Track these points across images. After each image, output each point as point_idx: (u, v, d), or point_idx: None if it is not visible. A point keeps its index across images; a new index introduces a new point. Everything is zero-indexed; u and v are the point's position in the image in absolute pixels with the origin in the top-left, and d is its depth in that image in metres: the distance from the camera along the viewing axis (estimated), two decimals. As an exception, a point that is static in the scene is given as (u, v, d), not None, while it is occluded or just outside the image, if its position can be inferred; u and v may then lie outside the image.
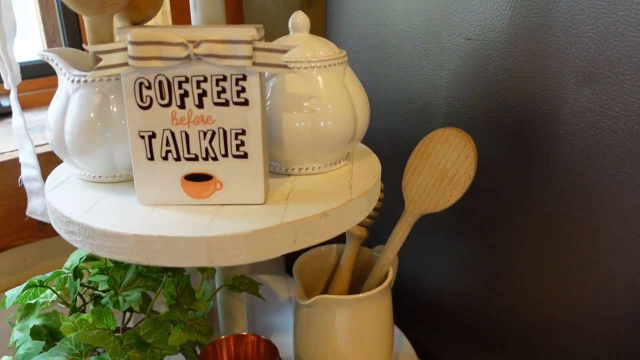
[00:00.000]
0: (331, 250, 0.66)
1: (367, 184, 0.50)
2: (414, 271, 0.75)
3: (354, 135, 0.52)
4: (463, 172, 0.54)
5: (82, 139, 0.49)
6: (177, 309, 0.50)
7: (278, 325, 0.74)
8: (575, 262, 0.56)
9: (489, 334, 0.67)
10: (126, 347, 0.48)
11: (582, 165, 0.53)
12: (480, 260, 0.66)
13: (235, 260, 0.42)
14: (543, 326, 0.61)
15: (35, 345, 0.47)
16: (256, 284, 0.59)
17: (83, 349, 0.46)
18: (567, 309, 0.58)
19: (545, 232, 0.58)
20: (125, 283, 0.51)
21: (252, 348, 0.52)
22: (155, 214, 0.45)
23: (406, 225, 0.58)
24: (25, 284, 0.52)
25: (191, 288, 0.52)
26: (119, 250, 0.43)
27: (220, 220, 0.43)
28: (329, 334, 0.57)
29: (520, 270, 0.61)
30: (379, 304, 0.58)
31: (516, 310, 0.63)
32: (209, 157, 0.45)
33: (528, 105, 0.56)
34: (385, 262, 0.59)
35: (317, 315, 0.57)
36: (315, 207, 0.45)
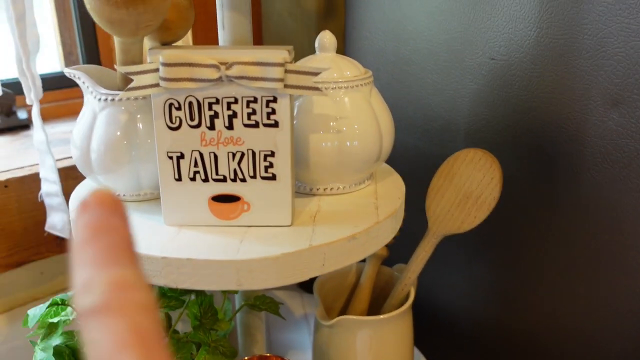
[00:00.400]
0: (351, 269, 0.65)
1: (393, 205, 0.50)
2: (432, 290, 0.75)
3: (379, 156, 0.52)
4: (488, 194, 0.54)
5: (108, 157, 0.48)
6: (201, 329, 0.49)
7: (294, 342, 0.74)
8: (600, 284, 0.56)
9: (508, 354, 0.67)
10: (149, 368, 0.48)
11: (609, 189, 0.53)
12: (501, 281, 0.65)
13: (264, 284, 0.42)
14: (564, 345, 0.60)
15: (58, 366, 0.47)
16: (277, 303, 0.59)
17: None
18: (591, 330, 0.57)
19: (570, 254, 0.57)
20: (148, 303, 0.51)
21: (274, 369, 0.52)
22: (182, 235, 0.45)
23: (429, 245, 0.57)
24: (49, 303, 0.51)
25: (214, 308, 0.52)
26: (146, 273, 0.42)
27: (248, 243, 0.43)
28: (349, 355, 0.56)
29: (542, 292, 0.61)
30: (400, 325, 0.57)
31: (537, 332, 0.63)
32: (237, 178, 0.45)
33: (553, 126, 0.56)
34: (406, 282, 0.59)
35: (338, 335, 0.56)
36: (343, 230, 0.45)
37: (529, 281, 0.62)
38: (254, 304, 0.58)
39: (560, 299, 0.59)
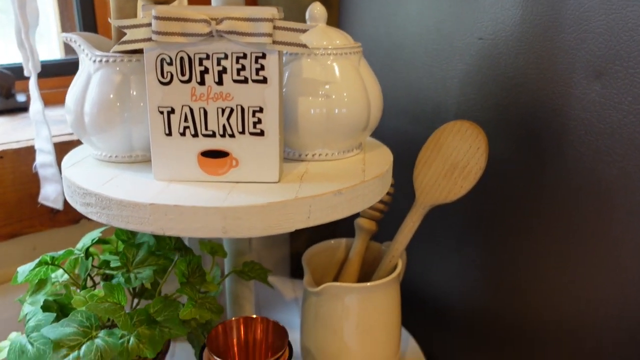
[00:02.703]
0: (340, 244, 0.66)
1: (380, 169, 0.51)
2: (421, 273, 0.75)
3: (367, 124, 0.53)
4: (474, 164, 0.54)
5: (101, 118, 0.50)
6: (188, 286, 0.50)
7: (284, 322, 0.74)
8: (585, 256, 0.56)
9: (497, 334, 0.67)
10: (136, 323, 0.48)
11: (592, 160, 0.54)
12: (489, 260, 0.66)
13: (250, 232, 0.43)
14: (552, 324, 0.61)
15: (46, 317, 0.47)
16: (266, 271, 0.59)
17: (94, 322, 0.47)
18: (576, 304, 0.58)
19: (555, 228, 0.58)
20: (137, 261, 0.51)
21: (261, 330, 0.52)
22: (171, 187, 0.46)
23: (416, 216, 0.58)
24: (37, 261, 0.52)
25: (202, 269, 0.52)
26: (135, 220, 0.43)
27: (235, 194, 0.44)
28: (336, 323, 0.57)
29: (529, 268, 0.61)
30: (387, 294, 0.58)
31: (524, 309, 0.63)
32: (226, 134, 0.46)
33: (539, 102, 0.57)
34: (394, 253, 0.60)
35: (325, 303, 0.57)
36: (330, 186, 0.46)
37: (517, 262, 0.63)
38: (242, 270, 0.58)
39: (548, 278, 0.60)
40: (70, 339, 0.45)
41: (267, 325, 0.52)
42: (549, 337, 0.61)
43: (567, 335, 0.59)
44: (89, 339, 0.46)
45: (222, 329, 0.51)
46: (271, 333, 0.52)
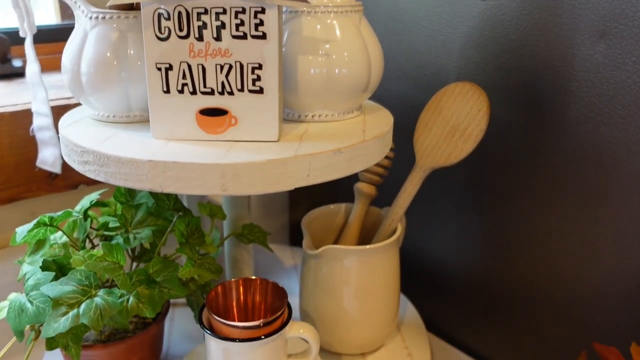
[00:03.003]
0: (339, 209, 0.66)
1: (380, 130, 0.50)
2: (420, 239, 0.75)
3: (367, 86, 0.53)
4: (475, 126, 0.54)
5: (98, 76, 0.49)
6: (187, 247, 0.50)
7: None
8: (585, 221, 0.56)
9: (495, 299, 0.67)
10: (135, 283, 0.48)
11: (594, 122, 0.54)
12: (488, 225, 0.66)
13: (249, 190, 0.42)
14: (550, 289, 0.61)
15: (45, 276, 0.47)
16: (265, 233, 0.59)
17: (93, 281, 0.46)
18: (575, 269, 0.58)
19: (556, 192, 0.58)
20: (135, 221, 0.51)
21: (260, 291, 0.52)
22: (169, 145, 0.45)
23: (416, 179, 0.58)
24: (35, 221, 0.52)
25: (201, 231, 0.52)
26: (133, 177, 0.43)
27: (235, 152, 0.44)
28: (335, 286, 0.57)
29: (528, 233, 0.61)
30: (387, 257, 0.58)
31: (523, 275, 0.63)
32: (224, 91, 0.45)
33: (541, 64, 0.57)
34: (394, 217, 0.59)
35: (324, 266, 0.57)
36: (329, 145, 0.45)
37: (516, 226, 0.62)
38: (241, 233, 0.58)
39: (547, 242, 0.60)
40: (70, 297, 0.45)
41: (267, 287, 0.52)
42: (548, 302, 0.61)
43: (565, 299, 0.60)
44: (88, 297, 0.46)
45: (221, 290, 0.51)
46: (270, 294, 0.52)
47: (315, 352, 0.51)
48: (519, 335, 0.65)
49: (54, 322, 0.44)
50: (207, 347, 0.50)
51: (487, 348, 0.69)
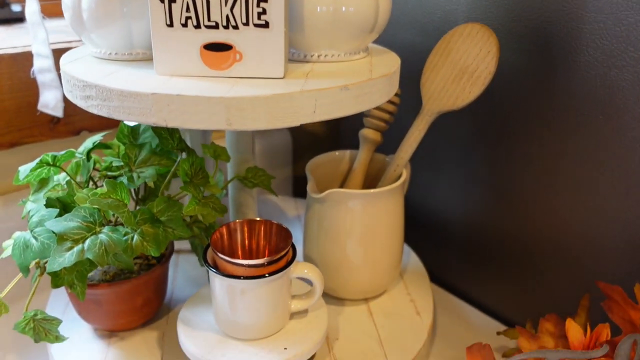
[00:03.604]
0: (344, 156, 0.65)
1: (387, 69, 0.49)
2: (424, 191, 0.75)
3: (374, 26, 0.51)
4: (484, 68, 0.53)
5: (100, 12, 0.48)
6: (192, 186, 0.49)
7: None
8: (592, 168, 0.56)
9: (499, 251, 0.67)
10: (140, 221, 0.48)
11: (605, 65, 0.53)
12: (494, 174, 0.65)
13: (254, 125, 0.42)
14: (555, 238, 0.61)
15: (49, 212, 0.47)
16: (269, 177, 0.59)
17: (97, 218, 0.46)
18: (581, 217, 0.58)
19: (563, 139, 0.57)
20: (139, 160, 0.51)
21: (265, 232, 0.52)
22: (173, 80, 0.44)
23: (423, 124, 0.57)
24: (38, 160, 0.51)
25: (205, 172, 0.52)
26: (136, 111, 0.42)
27: (240, 87, 0.43)
28: (339, 231, 0.57)
29: (534, 181, 0.61)
30: (391, 202, 0.57)
31: (528, 224, 0.63)
32: (229, 25, 0.44)
33: (553, 5, 0.55)
34: (399, 162, 0.59)
35: (329, 210, 0.56)
36: (336, 82, 0.44)
37: (522, 175, 0.62)
38: (245, 176, 0.58)
39: (554, 193, 0.59)
40: (74, 233, 0.45)
41: (271, 227, 0.52)
42: (552, 250, 0.61)
43: (570, 247, 0.60)
44: (92, 233, 0.46)
45: (226, 231, 0.51)
46: (275, 235, 0.52)
47: (319, 293, 0.51)
48: (522, 285, 0.66)
49: (59, 256, 0.44)
50: (212, 287, 0.50)
51: (491, 298, 0.70)
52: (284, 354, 0.48)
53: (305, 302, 0.52)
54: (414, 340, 0.57)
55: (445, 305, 0.71)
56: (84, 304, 0.54)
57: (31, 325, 0.47)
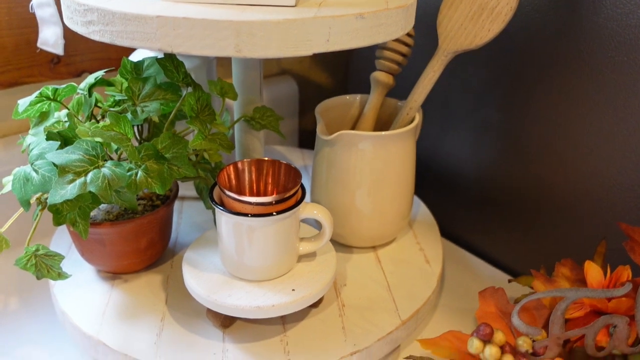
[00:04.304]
0: (354, 100, 0.63)
1: (403, 1, 0.47)
2: (435, 141, 0.73)
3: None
4: (505, 4, 0.50)
5: None
6: (198, 121, 0.48)
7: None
8: (612, 115, 0.53)
9: (511, 203, 0.66)
10: (144, 157, 0.46)
11: (631, 3, 0.50)
12: (507, 123, 0.63)
13: (265, 52, 0.40)
14: (570, 189, 0.59)
15: (50, 145, 0.45)
16: (278, 117, 0.57)
17: (100, 152, 0.45)
18: (599, 167, 0.56)
19: (585, 85, 0.55)
20: (143, 95, 0.49)
21: (273, 173, 0.50)
22: (179, 4, 0.42)
23: (438, 64, 0.55)
24: (38, 93, 0.49)
25: (211, 108, 0.50)
26: (140, 36, 0.40)
27: (250, 12, 0.41)
28: (349, 175, 0.55)
29: (551, 130, 0.59)
30: (403, 146, 0.56)
31: (542, 174, 0.61)
32: (239, -53, 0.42)
33: (579, -61, 0.52)
34: (412, 105, 0.57)
35: (338, 152, 0.55)
36: (351, 10, 0.42)
37: (539, 124, 0.60)
38: (252, 117, 0.56)
39: (573, 140, 0.57)
40: (76, 165, 0.43)
41: (279, 167, 0.50)
42: (566, 203, 0.60)
43: (585, 201, 0.58)
44: (95, 167, 0.44)
45: (233, 169, 0.49)
46: (283, 175, 0.50)
47: (328, 235, 0.50)
48: (533, 236, 0.64)
49: (61, 189, 0.42)
50: (218, 227, 0.48)
51: (500, 250, 0.68)
52: (292, 295, 0.47)
53: (314, 245, 0.51)
54: (423, 288, 0.56)
55: (454, 258, 0.69)
56: (87, 245, 0.53)
57: (33, 262, 0.46)
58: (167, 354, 0.47)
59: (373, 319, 0.52)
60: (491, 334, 0.39)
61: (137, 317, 0.51)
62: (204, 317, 0.51)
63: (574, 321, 0.40)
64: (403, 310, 0.53)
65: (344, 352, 0.48)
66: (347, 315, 0.52)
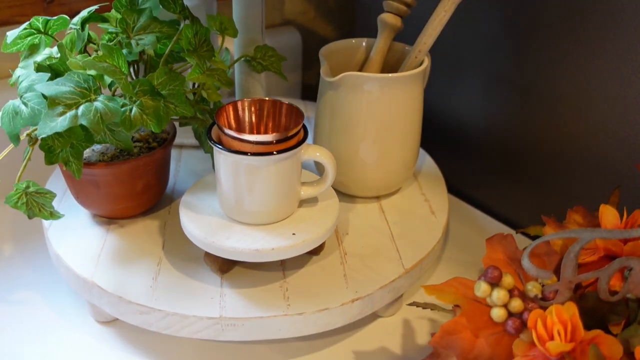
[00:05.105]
0: (360, 44, 0.60)
1: None
2: (443, 92, 0.70)
3: None
4: (523, -63, 0.47)
5: None
6: (195, 55, 0.45)
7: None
8: (628, 66, 0.51)
9: (521, 156, 0.64)
10: (139, 92, 0.44)
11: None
12: (520, 74, 0.61)
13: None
14: (583, 142, 0.57)
15: (40, 77, 0.43)
16: (281, 57, 0.54)
17: (92, 85, 0.42)
18: (611, 118, 0.53)
19: (602, 36, 0.52)
20: (138, 27, 0.46)
21: (274, 113, 0.48)
22: None
23: (449, 3, 0.52)
24: (27, 24, 0.47)
25: (210, 43, 0.47)
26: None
27: None
28: (353, 119, 0.53)
29: (565, 82, 0.56)
30: (410, 90, 0.53)
31: (554, 127, 0.59)
32: None
33: None
34: (421, 48, 0.54)
35: (343, 96, 0.52)
36: None
37: (552, 75, 0.57)
38: (254, 57, 0.53)
39: (586, 93, 0.55)
40: (67, 97, 0.41)
41: (281, 108, 0.48)
42: (578, 157, 0.58)
43: (598, 154, 0.56)
44: (87, 100, 0.42)
45: (232, 109, 0.47)
46: (285, 116, 0.48)
47: (331, 178, 0.48)
48: (543, 192, 0.62)
49: (51, 121, 0.40)
50: (216, 168, 0.46)
51: (508, 206, 0.67)
52: (292, 239, 0.46)
53: (316, 189, 0.49)
54: (427, 238, 0.54)
55: (459, 213, 0.68)
56: (81, 187, 0.51)
57: (24, 200, 0.44)
58: (163, 297, 0.46)
59: (376, 267, 0.50)
60: (499, 277, 0.37)
61: (133, 261, 0.50)
62: (202, 263, 0.50)
63: (587, 266, 0.38)
64: (407, 259, 0.51)
65: (345, 299, 0.47)
66: (349, 263, 0.50)
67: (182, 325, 0.45)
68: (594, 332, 0.35)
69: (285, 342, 0.50)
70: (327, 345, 0.50)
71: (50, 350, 0.49)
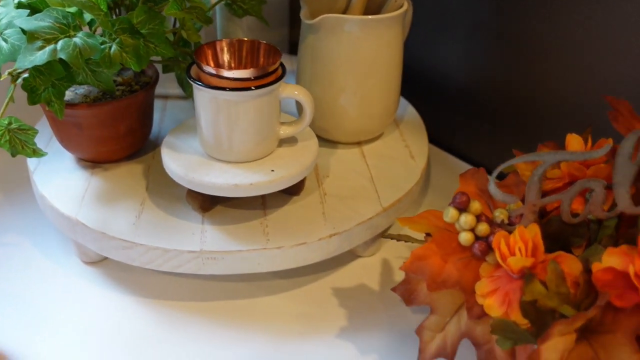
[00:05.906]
0: (342, -9, 0.60)
1: None
2: (424, 42, 0.71)
3: None
4: None
5: None
6: (174, -7, 0.46)
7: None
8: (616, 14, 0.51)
9: (502, 106, 0.64)
10: (118, 30, 0.45)
11: None
12: (504, 23, 0.61)
13: None
14: (563, 92, 0.58)
15: (19, 13, 0.44)
16: (261, 1, 0.55)
17: (71, 22, 0.43)
18: (595, 67, 0.54)
19: None
20: (116, -35, 0.46)
21: (252, 52, 0.48)
22: None
23: (428, -55, 0.52)
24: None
25: (189, -16, 0.48)
26: None
27: None
28: (334, 63, 0.54)
29: (549, 31, 0.57)
30: (390, 33, 0.54)
31: (537, 78, 0.60)
32: None
33: None
34: (400, -8, 0.55)
35: (324, 39, 0.53)
36: None
37: (536, 25, 0.58)
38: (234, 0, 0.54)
39: (571, 42, 0.55)
40: (46, 32, 0.42)
41: (259, 47, 0.48)
42: (560, 108, 0.59)
43: (581, 106, 0.57)
44: (66, 36, 0.42)
45: (210, 49, 0.48)
46: (263, 55, 0.48)
47: (308, 117, 0.49)
48: (525, 143, 0.63)
49: (30, 55, 0.41)
50: (196, 106, 0.47)
51: (489, 157, 0.68)
52: (271, 175, 0.47)
53: (295, 128, 0.50)
54: (406, 180, 0.55)
55: (439, 161, 0.69)
56: (64, 130, 0.52)
57: (7, 137, 0.45)
58: (145, 234, 0.47)
59: (354, 206, 0.51)
60: (467, 202, 0.39)
61: (117, 201, 0.51)
62: (185, 203, 0.51)
63: (552, 193, 0.40)
64: (385, 199, 0.52)
65: (323, 234, 0.48)
66: (328, 202, 0.52)
67: (164, 260, 0.47)
68: (555, 253, 0.36)
69: (267, 280, 0.52)
70: (308, 283, 0.52)
71: (36, 290, 0.50)
